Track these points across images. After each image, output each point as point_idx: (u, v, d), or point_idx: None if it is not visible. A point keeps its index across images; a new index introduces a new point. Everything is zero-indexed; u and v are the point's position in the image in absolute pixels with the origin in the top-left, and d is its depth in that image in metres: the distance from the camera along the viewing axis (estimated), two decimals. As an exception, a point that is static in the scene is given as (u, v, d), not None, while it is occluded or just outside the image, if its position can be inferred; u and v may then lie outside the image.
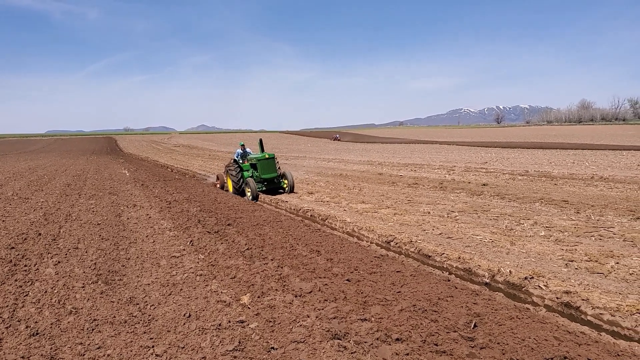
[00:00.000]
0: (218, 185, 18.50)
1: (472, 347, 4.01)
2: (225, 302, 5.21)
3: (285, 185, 16.26)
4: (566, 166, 21.41)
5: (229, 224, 9.58)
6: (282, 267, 6.35)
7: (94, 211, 11.70)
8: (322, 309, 4.75)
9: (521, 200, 12.13)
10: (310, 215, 11.33)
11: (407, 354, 3.78)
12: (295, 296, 5.21)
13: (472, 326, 4.45)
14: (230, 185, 17.03)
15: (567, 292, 5.33)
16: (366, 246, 8.38)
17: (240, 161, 17.40)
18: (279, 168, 16.67)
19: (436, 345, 4.03)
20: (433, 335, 4.20)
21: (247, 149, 18.29)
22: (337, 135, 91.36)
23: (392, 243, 8.13)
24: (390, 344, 3.96)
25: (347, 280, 5.85)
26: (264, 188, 16.27)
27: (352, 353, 3.81)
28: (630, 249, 7.35)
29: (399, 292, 5.43)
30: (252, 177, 16.43)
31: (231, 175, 16.42)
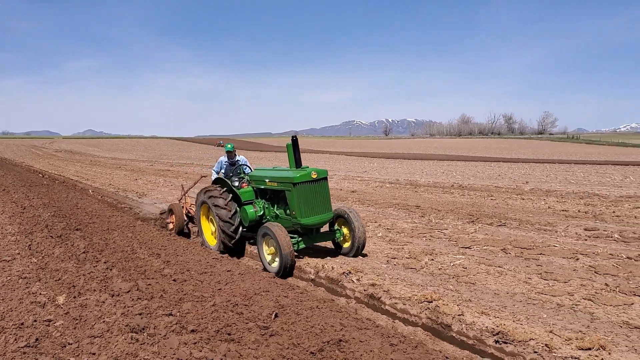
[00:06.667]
0: (172, 227, 10.23)
1: (263, 334, 4.37)
2: (40, 302, 5.16)
3: (342, 241, 7.87)
4: (435, 175, 23.07)
5: (77, 229, 9.27)
6: (110, 269, 6.35)
7: None
8: (132, 307, 4.87)
9: (379, 205, 13.03)
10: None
11: (195, 343, 4.04)
12: (111, 295, 5.27)
13: (273, 316, 4.81)
14: (207, 234, 8.88)
15: (373, 285, 5.91)
16: (216, 249, 8.57)
17: (236, 184, 8.56)
18: None
19: (229, 334, 4.33)
20: (230, 325, 4.51)
21: (240, 157, 9.99)
22: (221, 142, 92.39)
23: (239, 246, 8.38)
24: (182, 335, 4.19)
25: (174, 280, 6.01)
26: (302, 245, 7.45)
27: (141, 344, 3.99)
28: (452, 247, 8.25)
29: (220, 289, 5.69)
30: (263, 215, 8.20)
31: (216, 210, 7.98)
